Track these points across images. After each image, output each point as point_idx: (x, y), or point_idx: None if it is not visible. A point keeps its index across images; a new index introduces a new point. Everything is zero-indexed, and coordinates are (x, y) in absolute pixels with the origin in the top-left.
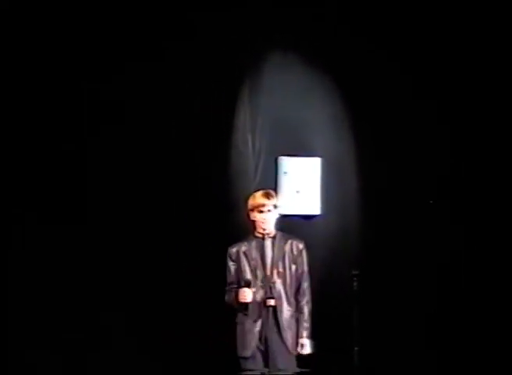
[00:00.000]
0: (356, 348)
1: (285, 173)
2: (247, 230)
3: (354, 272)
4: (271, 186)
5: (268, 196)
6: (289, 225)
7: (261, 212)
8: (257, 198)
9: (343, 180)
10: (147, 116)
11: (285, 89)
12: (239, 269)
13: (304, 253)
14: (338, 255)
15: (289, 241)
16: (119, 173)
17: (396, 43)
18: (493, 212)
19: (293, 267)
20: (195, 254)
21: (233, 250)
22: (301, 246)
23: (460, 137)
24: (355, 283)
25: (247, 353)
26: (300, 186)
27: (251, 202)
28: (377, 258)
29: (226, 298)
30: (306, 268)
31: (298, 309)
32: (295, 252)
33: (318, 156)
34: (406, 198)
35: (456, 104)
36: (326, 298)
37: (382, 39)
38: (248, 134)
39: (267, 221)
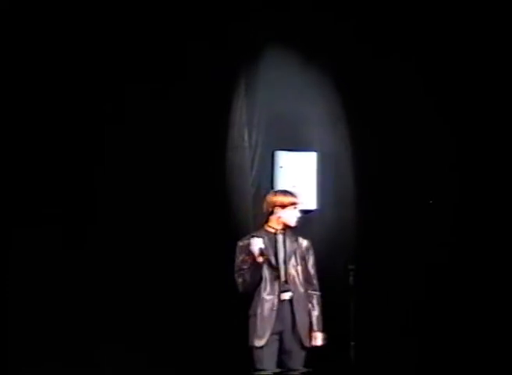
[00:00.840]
0: (352, 343)
1: (281, 167)
2: (243, 222)
3: (350, 266)
4: (267, 180)
5: (295, 195)
6: None
7: (295, 208)
8: (290, 196)
9: (340, 174)
10: (143, 110)
11: (282, 83)
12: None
13: (311, 251)
14: (334, 249)
15: (299, 238)
16: (114, 167)
17: (394, 37)
18: (493, 212)
19: (303, 263)
20: (191, 248)
21: (244, 243)
22: (309, 244)
23: (459, 132)
24: (351, 278)
25: (261, 343)
26: (297, 180)
27: (283, 199)
28: (373, 253)
29: (240, 280)
30: (314, 264)
31: (310, 304)
32: (303, 249)
33: (315, 151)
34: (402, 192)
35: (454, 99)
36: (322, 292)
37: (380, 33)
38: (244, 128)
39: (297, 218)
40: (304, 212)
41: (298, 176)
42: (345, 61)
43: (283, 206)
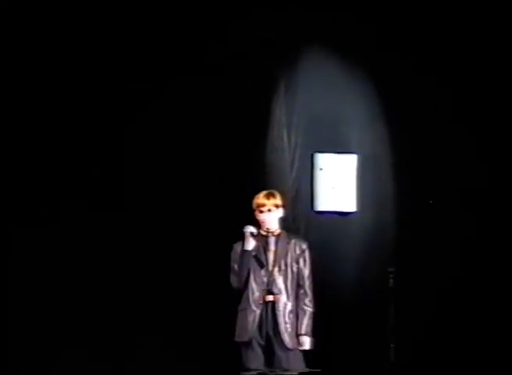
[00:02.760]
0: (392, 345)
1: (320, 169)
2: (282, 225)
3: (390, 269)
4: (306, 182)
5: (268, 196)
6: (324, 222)
7: (261, 212)
8: (259, 198)
9: (380, 176)
10: (181, 109)
11: (322, 84)
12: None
13: (307, 253)
14: (374, 252)
15: (293, 241)
16: (151, 167)
17: (433, 37)
18: None
19: (295, 266)
20: (228, 250)
21: (239, 246)
22: (304, 246)
23: (497, 138)
24: (391, 281)
25: (244, 338)
26: (336, 182)
27: (254, 202)
28: (413, 256)
29: (231, 275)
30: (308, 267)
31: (300, 308)
32: (297, 252)
33: (355, 153)
34: (443, 194)
35: (495, 98)
36: (362, 295)
37: (420, 34)
38: (284, 130)
39: (266, 221)
40: (344, 214)
41: (338, 179)
42: (384, 62)
43: (254, 209)
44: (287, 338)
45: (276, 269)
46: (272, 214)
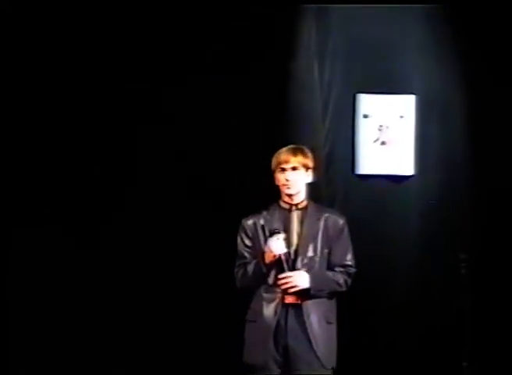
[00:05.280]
0: (464, 363)
1: (365, 116)
2: (313, 193)
3: (462, 256)
4: (346, 134)
5: (294, 152)
6: (369, 189)
7: (283, 170)
8: (281, 153)
9: (448, 127)
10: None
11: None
12: (254, 247)
13: (346, 232)
14: (439, 232)
15: (325, 216)
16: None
17: None
18: None
19: (326, 252)
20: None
21: (249, 222)
22: (341, 222)
23: None
24: (463, 271)
25: (256, 360)
26: (387, 135)
27: (274, 160)
28: (492, 237)
29: (240, 272)
30: (350, 251)
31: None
32: (331, 232)
33: (413, 93)
34: None
35: None
36: (424, 290)
37: None
38: (314, 61)
39: (291, 182)
40: (398, 178)
41: (389, 130)
42: None
43: (274, 169)
44: (321, 352)
45: (300, 258)
46: (297, 175)
